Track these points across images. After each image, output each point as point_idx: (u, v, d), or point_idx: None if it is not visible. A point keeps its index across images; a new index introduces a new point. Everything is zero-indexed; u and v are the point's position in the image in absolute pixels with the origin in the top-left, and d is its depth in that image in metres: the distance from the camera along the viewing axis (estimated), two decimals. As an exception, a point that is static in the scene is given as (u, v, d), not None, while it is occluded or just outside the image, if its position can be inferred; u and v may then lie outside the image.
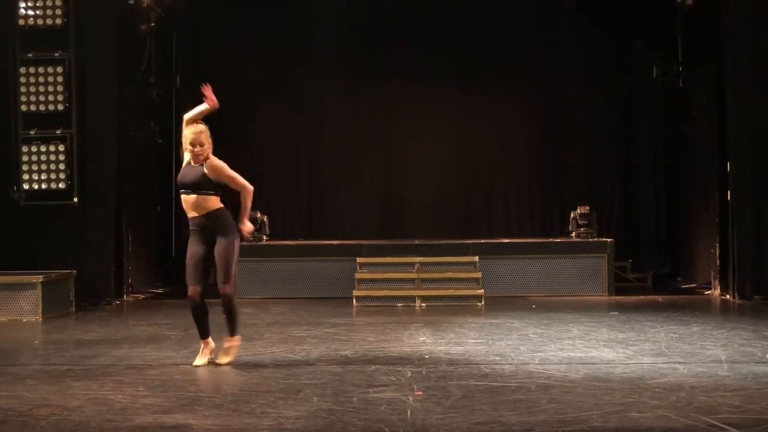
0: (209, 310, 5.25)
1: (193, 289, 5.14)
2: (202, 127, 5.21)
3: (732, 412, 3.85)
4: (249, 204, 5.29)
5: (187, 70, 11.12)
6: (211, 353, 5.28)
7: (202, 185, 5.12)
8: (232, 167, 5.34)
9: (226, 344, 5.28)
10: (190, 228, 5.23)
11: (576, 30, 10.95)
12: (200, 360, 5.23)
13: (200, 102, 5.40)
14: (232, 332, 5.29)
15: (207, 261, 5.19)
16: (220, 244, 5.16)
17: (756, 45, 8.50)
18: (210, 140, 5.20)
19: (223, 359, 5.21)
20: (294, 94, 11.22)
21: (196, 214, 5.16)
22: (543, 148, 11.16)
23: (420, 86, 11.07)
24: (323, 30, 11.07)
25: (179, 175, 5.24)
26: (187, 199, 5.17)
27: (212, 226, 5.16)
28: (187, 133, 5.18)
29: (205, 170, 5.13)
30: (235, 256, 5.21)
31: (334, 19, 11.06)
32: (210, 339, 5.30)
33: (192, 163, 5.20)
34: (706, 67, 9.42)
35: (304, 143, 11.33)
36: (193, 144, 5.15)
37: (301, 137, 11.31)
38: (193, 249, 5.18)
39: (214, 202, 5.18)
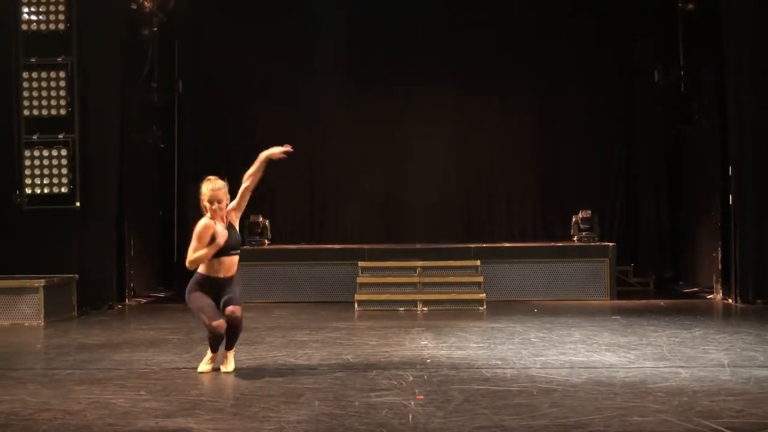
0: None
1: (219, 323, 5.02)
2: (220, 183, 5.14)
3: (734, 417, 3.84)
4: (260, 168, 5.29)
5: (189, 75, 11.15)
6: (213, 362, 5.24)
7: (240, 241, 5.18)
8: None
9: (227, 354, 5.23)
10: (208, 281, 5.08)
11: (578, 34, 10.96)
12: (205, 366, 5.20)
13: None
14: (231, 347, 5.23)
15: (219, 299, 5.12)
16: (235, 287, 5.14)
17: (757, 48, 8.51)
18: (228, 196, 5.12)
19: (228, 367, 5.17)
20: (296, 98, 11.24)
21: (229, 275, 5.11)
22: (545, 152, 11.16)
23: (422, 90, 11.08)
24: (325, 34, 11.09)
25: (222, 238, 5.00)
26: (232, 260, 5.10)
27: (233, 283, 5.14)
28: (205, 190, 5.10)
29: (233, 224, 5.13)
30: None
31: (336, 23, 11.09)
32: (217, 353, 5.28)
33: (219, 226, 5.06)
34: (707, 70, 9.42)
35: (305, 147, 11.30)
36: (210, 201, 5.06)
37: (302, 141, 11.25)
38: (207, 299, 5.08)
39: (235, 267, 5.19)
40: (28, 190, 8.56)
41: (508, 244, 10.00)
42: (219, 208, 5.08)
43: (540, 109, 11.18)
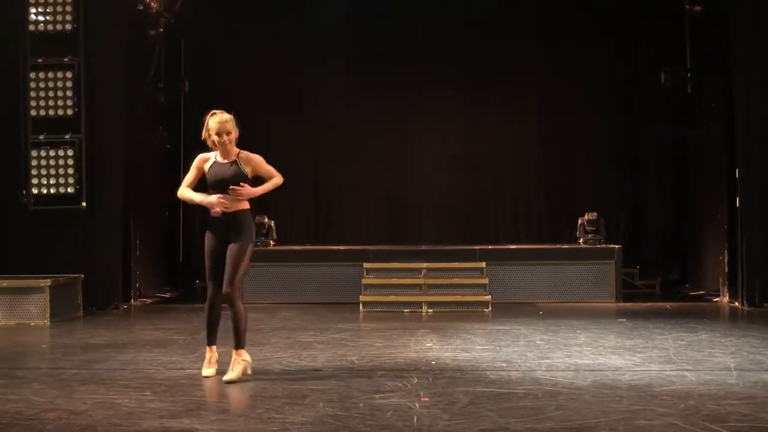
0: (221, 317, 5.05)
1: (210, 293, 4.95)
2: (227, 115, 4.96)
3: (741, 421, 3.82)
4: (269, 189, 5.02)
5: (196, 76, 11.18)
6: (213, 362, 5.03)
7: (238, 183, 4.87)
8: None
9: (232, 355, 4.94)
10: (210, 223, 4.99)
11: (583, 36, 10.93)
12: (206, 371, 5.00)
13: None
14: (236, 344, 4.90)
15: (223, 258, 4.93)
16: (233, 246, 4.87)
17: (764, 50, 8.47)
18: (236, 129, 4.96)
19: (228, 375, 4.81)
20: (301, 98, 11.24)
21: (230, 212, 4.90)
22: (550, 154, 11.13)
23: (426, 90, 11.07)
24: (330, 35, 11.10)
25: (210, 173, 4.92)
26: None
27: (236, 225, 4.90)
28: (212, 123, 4.93)
29: (242, 167, 4.93)
30: (246, 263, 4.92)
31: (341, 24, 11.10)
32: (215, 348, 5.08)
33: (222, 159, 4.93)
34: (714, 73, 9.39)
35: (311, 148, 11.35)
36: (219, 133, 4.89)
37: (308, 142, 11.33)
38: (211, 245, 4.97)
39: (244, 202, 4.94)
40: (35, 190, 8.58)
41: (513, 246, 9.98)
42: (229, 140, 4.91)
43: (545, 111, 11.15)
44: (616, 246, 9.52)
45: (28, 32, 8.57)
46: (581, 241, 9.90)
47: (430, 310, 8.59)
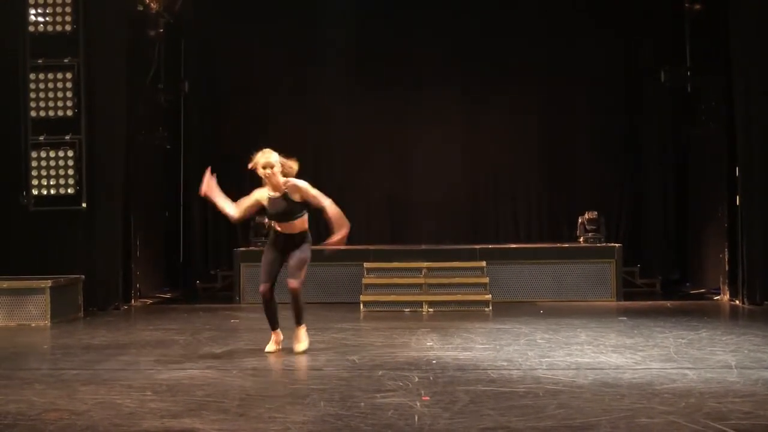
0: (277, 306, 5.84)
1: (262, 288, 5.72)
2: (269, 151, 5.60)
3: (742, 418, 3.82)
4: (339, 219, 5.69)
5: (196, 76, 11.18)
6: (278, 343, 5.85)
7: (293, 212, 5.62)
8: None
9: (296, 331, 5.82)
10: (275, 237, 5.76)
11: (584, 35, 10.94)
12: (270, 346, 5.84)
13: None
14: (296, 322, 5.80)
15: (280, 265, 5.76)
16: (297, 252, 5.73)
17: (764, 49, 8.47)
18: (280, 164, 5.57)
19: (298, 347, 5.76)
20: (301, 98, 11.25)
21: (290, 232, 5.72)
22: (550, 153, 11.13)
23: (427, 91, 11.08)
24: (330, 34, 11.10)
25: (269, 207, 5.64)
26: (285, 224, 5.69)
27: (296, 242, 5.73)
28: (258, 158, 5.55)
29: (291, 197, 5.57)
30: (308, 261, 5.81)
31: (343, 26, 11.10)
32: (279, 330, 5.89)
33: (273, 193, 5.60)
34: (714, 71, 9.39)
35: (311, 148, 11.33)
36: (264, 167, 5.52)
37: (308, 142, 11.32)
38: (271, 255, 5.75)
39: (303, 222, 5.74)
40: (35, 192, 8.58)
41: (513, 245, 9.98)
42: (272, 173, 5.51)
43: (545, 110, 11.16)
44: (617, 245, 9.53)
45: (28, 33, 8.58)
46: (581, 240, 9.90)
47: (431, 310, 8.59)
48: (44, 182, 8.60)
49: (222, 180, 12.72)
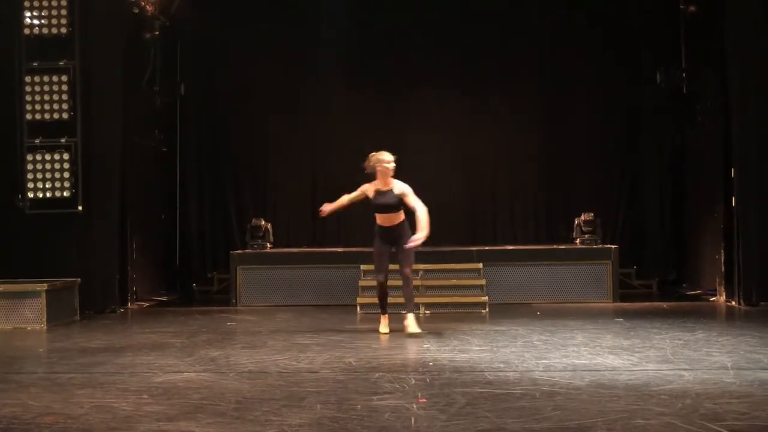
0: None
1: (378, 278, 6.81)
2: (385, 151, 6.77)
3: (738, 419, 3.83)
4: (426, 225, 6.49)
5: (192, 78, 11.18)
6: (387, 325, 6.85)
7: (396, 205, 6.70)
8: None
9: (406, 317, 6.75)
10: (379, 231, 6.78)
11: (581, 37, 10.95)
12: (382, 328, 6.87)
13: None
14: (407, 308, 6.74)
15: (389, 256, 6.76)
16: (404, 241, 6.61)
17: (760, 50, 8.49)
18: (391, 166, 6.75)
19: (409, 329, 6.64)
20: (298, 101, 11.24)
21: (389, 225, 6.72)
22: (547, 155, 11.14)
23: (425, 93, 11.07)
24: (327, 38, 11.10)
25: (376, 200, 6.74)
26: (385, 216, 6.72)
27: (399, 232, 6.70)
28: (383, 156, 6.71)
29: (396, 194, 6.68)
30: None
31: (339, 27, 11.09)
32: (387, 315, 6.90)
33: (383, 188, 6.71)
34: (710, 73, 9.41)
35: (308, 150, 11.34)
36: (387, 163, 6.70)
37: (305, 145, 11.33)
38: (380, 249, 6.77)
39: (400, 215, 6.76)
40: (31, 194, 8.57)
41: (510, 247, 9.98)
42: (390, 169, 6.67)
43: (543, 112, 11.16)
44: (613, 246, 9.53)
45: (24, 36, 8.56)
46: (578, 241, 9.90)
47: (428, 312, 8.58)
48: (40, 185, 8.59)
49: (219, 181, 12.71)
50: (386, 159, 6.73)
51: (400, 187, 6.72)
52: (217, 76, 11.32)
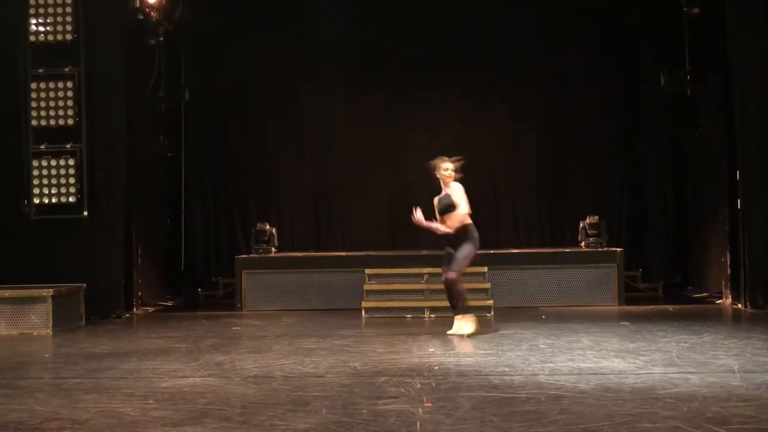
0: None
1: (443, 278, 6.91)
2: (445, 159, 7.08)
3: (745, 423, 3.81)
4: (433, 227, 6.87)
5: (196, 84, 11.22)
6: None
7: (450, 207, 6.85)
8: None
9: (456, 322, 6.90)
10: (445, 237, 6.96)
11: (583, 39, 10.96)
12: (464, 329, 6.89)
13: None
14: (456, 310, 6.86)
15: (448, 257, 6.88)
16: (460, 248, 6.80)
17: (762, 51, 8.48)
18: (451, 171, 7.03)
19: (452, 329, 6.84)
20: (300, 105, 11.27)
21: (450, 230, 6.84)
22: (551, 157, 11.13)
23: (426, 96, 11.08)
24: (329, 42, 11.13)
25: (437, 203, 7.04)
26: (446, 218, 6.90)
27: (460, 239, 6.82)
28: (444, 163, 7.01)
29: (452, 196, 6.88)
30: (467, 261, 6.88)
31: (341, 31, 11.12)
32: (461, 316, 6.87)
33: (443, 191, 6.95)
34: (713, 74, 9.40)
35: (310, 155, 11.37)
36: (445, 169, 7.00)
37: (307, 149, 11.35)
38: (446, 250, 6.91)
39: (458, 219, 6.84)
40: (36, 200, 8.60)
41: (515, 251, 9.97)
42: (449, 175, 6.95)
43: (546, 114, 11.16)
44: (618, 249, 9.51)
45: (29, 43, 8.60)
46: (583, 244, 9.88)
47: (433, 316, 8.58)
48: (45, 191, 8.62)
49: (224, 186, 12.75)
50: (443, 166, 6.99)
51: (452, 187, 6.92)
52: (220, 81, 11.35)
